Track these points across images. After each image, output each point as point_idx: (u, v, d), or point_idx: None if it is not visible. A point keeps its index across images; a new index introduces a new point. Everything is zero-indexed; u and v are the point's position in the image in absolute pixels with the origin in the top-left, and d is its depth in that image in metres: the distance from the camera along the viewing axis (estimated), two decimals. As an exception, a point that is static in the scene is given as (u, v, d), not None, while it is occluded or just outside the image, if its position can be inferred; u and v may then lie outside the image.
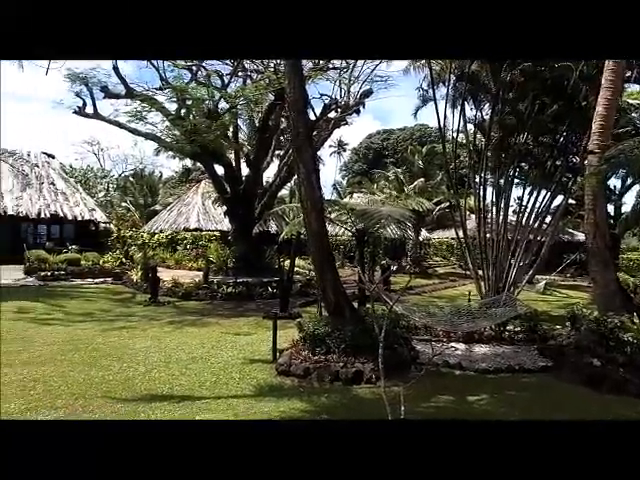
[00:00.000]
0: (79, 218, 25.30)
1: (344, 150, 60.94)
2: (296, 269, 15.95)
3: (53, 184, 26.27)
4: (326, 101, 19.17)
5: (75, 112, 18.70)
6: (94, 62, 17.92)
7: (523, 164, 12.68)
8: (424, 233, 31.60)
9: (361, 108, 19.92)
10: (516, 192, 15.18)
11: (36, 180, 25.80)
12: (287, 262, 15.46)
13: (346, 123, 21.18)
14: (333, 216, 12.38)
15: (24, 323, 10.45)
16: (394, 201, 21.48)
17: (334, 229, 22.39)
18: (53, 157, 29.08)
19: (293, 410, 5.54)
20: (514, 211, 14.61)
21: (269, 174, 23.68)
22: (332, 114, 19.73)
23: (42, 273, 18.36)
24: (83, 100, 18.42)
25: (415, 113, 17.18)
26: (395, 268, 22.13)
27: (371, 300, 6.16)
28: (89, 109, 18.54)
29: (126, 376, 6.74)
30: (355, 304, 9.32)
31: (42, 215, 23.98)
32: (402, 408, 3.96)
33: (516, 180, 12.82)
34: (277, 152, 21.90)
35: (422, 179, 29.08)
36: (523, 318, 9.33)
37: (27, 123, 65.37)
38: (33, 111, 70.39)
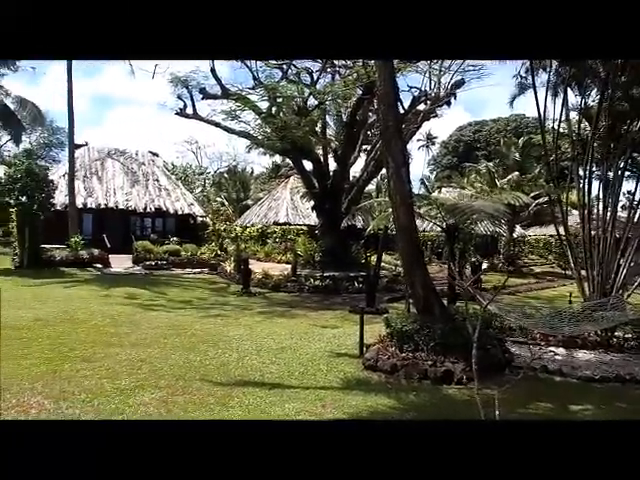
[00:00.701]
0: (179, 212, 27.18)
1: (433, 143, 59.31)
2: (382, 264, 15.84)
3: (157, 181, 28.45)
4: (415, 93, 18.77)
5: (177, 113, 20.10)
6: (194, 65, 19.17)
7: (636, 154, 11.48)
8: (519, 229, 29.85)
9: (452, 99, 19.22)
10: (627, 186, 13.80)
11: (143, 177, 28.11)
12: (373, 257, 15.42)
13: (436, 115, 20.58)
14: (422, 211, 12.11)
15: (132, 308, 11.45)
16: (487, 195, 20.50)
17: (422, 224, 21.91)
18: (157, 155, 31.50)
19: (380, 406, 5.52)
20: (623, 206, 13.30)
21: (356, 169, 23.72)
22: (421, 106, 19.26)
23: (147, 262, 20.00)
24: (184, 102, 19.74)
25: (511, 102, 16.20)
26: (487, 266, 21.16)
27: (465, 298, 5.94)
28: (189, 110, 19.82)
29: (221, 361, 7.13)
30: (444, 301, 9.05)
31: (148, 209, 26.10)
32: (497, 412, 3.78)
33: (627, 172, 11.64)
34: (364, 147, 21.84)
35: (517, 172, 27.46)
36: (635, 324, 8.47)
37: (137, 125, 71.51)
38: (142, 114, 76.84)
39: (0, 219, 19.82)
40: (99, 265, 19.02)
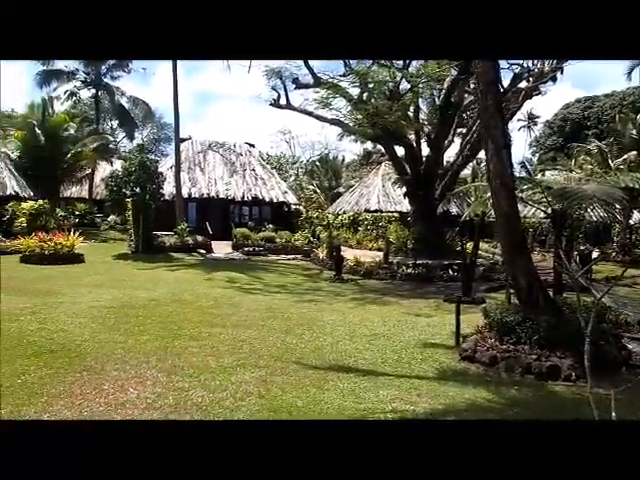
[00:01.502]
0: (274, 200, 28.18)
1: (535, 124, 55.13)
2: (479, 252, 15.16)
3: (254, 170, 29.68)
4: (516, 70, 17.52)
5: (271, 104, 20.73)
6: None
7: None
8: (637, 215, 26.89)
9: (558, 75, 17.71)
10: None
11: (240, 167, 29.49)
12: (469, 244, 14.80)
13: (539, 93, 19.09)
14: (523, 195, 11.36)
15: (233, 291, 12.12)
16: (600, 178, 18.68)
17: (523, 210, 20.55)
18: (253, 146, 32.83)
19: (479, 399, 5.32)
20: None
21: (450, 153, 22.84)
22: (523, 84, 17.97)
23: (245, 248, 21.04)
24: (278, 93, 20.28)
25: (629, 73, 14.56)
26: (597, 255, 19.38)
27: (575, 289, 5.50)
28: (282, 100, 20.34)
29: (316, 345, 7.31)
30: (549, 292, 8.45)
31: (245, 198, 27.39)
32: (613, 414, 3.46)
33: None
34: (459, 130, 20.92)
35: (635, 152, 24.68)
36: None
37: (234, 118, 75.20)
38: (239, 107, 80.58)
39: (119, 209, 21.88)
40: (202, 250, 20.35)
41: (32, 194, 22.85)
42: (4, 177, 21.86)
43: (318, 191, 40.51)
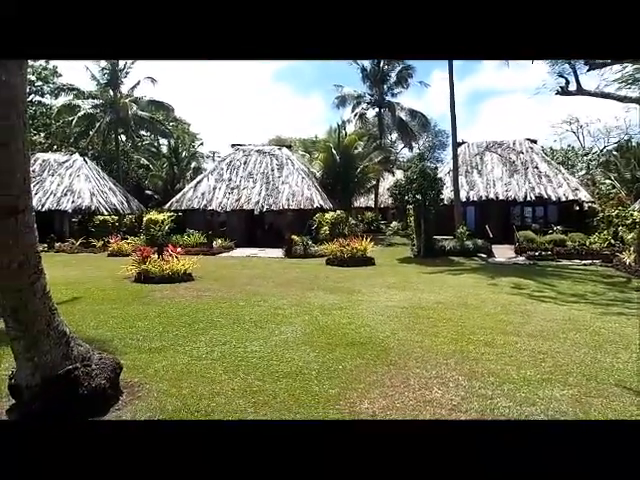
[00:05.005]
0: (562, 199, 25.33)
1: None
2: None
3: (536, 168, 27.38)
4: None
5: (558, 92, 18.80)
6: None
7: None
8: None
9: None
10: None
11: (521, 166, 27.63)
12: None
13: None
14: None
15: (521, 298, 11.40)
16: None
17: None
18: (535, 142, 30.31)
19: None
20: None
21: None
22: None
23: (530, 252, 19.54)
24: (566, 79, 18.27)
25: None
26: None
27: None
28: (572, 86, 18.20)
29: (639, 368, 6.18)
30: None
31: (527, 198, 25.49)
32: None
33: None
34: None
35: None
36: None
37: (511, 114, 71.30)
38: (515, 102, 76.12)
39: (401, 215, 23.48)
40: (483, 255, 19.88)
41: (331, 206, 26.70)
42: (312, 193, 26.20)
43: (617, 185, 34.43)
